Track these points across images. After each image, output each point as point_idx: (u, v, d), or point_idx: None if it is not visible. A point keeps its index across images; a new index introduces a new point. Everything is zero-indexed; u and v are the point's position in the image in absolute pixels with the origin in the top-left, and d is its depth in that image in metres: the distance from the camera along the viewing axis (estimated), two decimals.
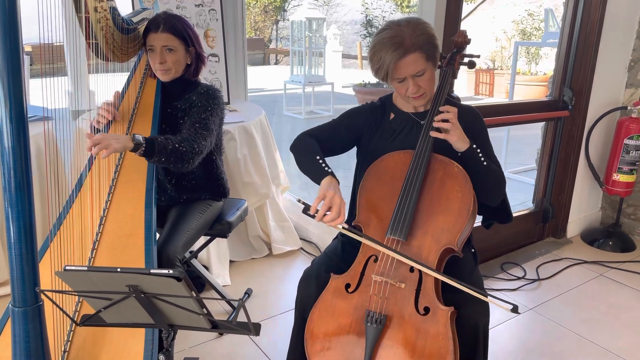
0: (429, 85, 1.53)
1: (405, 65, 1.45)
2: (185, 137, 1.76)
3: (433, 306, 1.37)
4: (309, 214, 1.43)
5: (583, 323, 2.32)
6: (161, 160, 1.68)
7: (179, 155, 1.70)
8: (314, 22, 7.08)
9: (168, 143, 1.68)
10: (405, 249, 1.43)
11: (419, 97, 1.53)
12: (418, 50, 1.45)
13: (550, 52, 7.43)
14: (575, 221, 3.16)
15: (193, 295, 1.04)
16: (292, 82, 7.26)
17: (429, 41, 1.48)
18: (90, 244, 1.68)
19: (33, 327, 1.31)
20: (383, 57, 1.45)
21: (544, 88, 6.78)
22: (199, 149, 1.78)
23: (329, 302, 1.46)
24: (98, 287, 1.05)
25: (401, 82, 1.50)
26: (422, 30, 1.47)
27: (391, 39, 1.45)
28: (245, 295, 2.48)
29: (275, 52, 17.63)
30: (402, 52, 1.44)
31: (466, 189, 1.45)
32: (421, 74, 1.48)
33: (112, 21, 1.70)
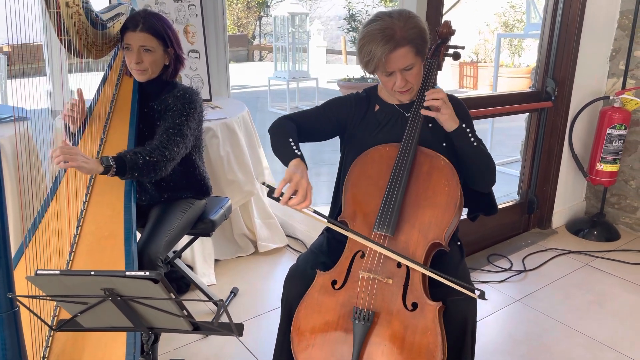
0: (417, 80, 1.50)
1: (395, 59, 1.42)
2: (156, 146, 1.71)
3: (421, 302, 1.35)
4: (273, 197, 1.38)
5: (570, 313, 2.33)
6: (134, 176, 1.65)
7: (150, 166, 1.67)
8: (297, 17, 7.02)
9: (138, 158, 1.63)
10: (392, 244, 1.41)
11: (405, 92, 1.51)
12: (408, 45, 1.42)
13: (532, 43, 7.47)
14: (560, 212, 3.17)
15: (172, 296, 1.01)
16: (277, 78, 7.20)
17: (420, 35, 1.45)
18: (68, 247, 1.63)
19: (9, 334, 1.26)
20: (373, 50, 1.41)
21: (528, 80, 6.81)
22: (171, 156, 1.74)
23: (315, 300, 1.43)
24: (73, 292, 1.01)
25: (389, 75, 1.47)
26: (414, 24, 1.44)
27: (381, 31, 1.41)
28: (231, 295, 2.45)
29: (259, 49, 17.52)
30: (393, 46, 1.41)
31: (453, 182, 1.43)
32: (410, 67, 1.46)
33: (85, 16, 1.65)
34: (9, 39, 1.23)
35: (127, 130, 1.82)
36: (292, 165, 1.44)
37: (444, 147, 1.55)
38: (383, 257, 1.40)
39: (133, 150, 1.66)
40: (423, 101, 1.49)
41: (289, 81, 6.96)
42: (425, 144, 1.51)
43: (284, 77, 7.02)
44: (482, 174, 1.54)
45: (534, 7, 4.21)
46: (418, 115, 1.50)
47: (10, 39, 1.23)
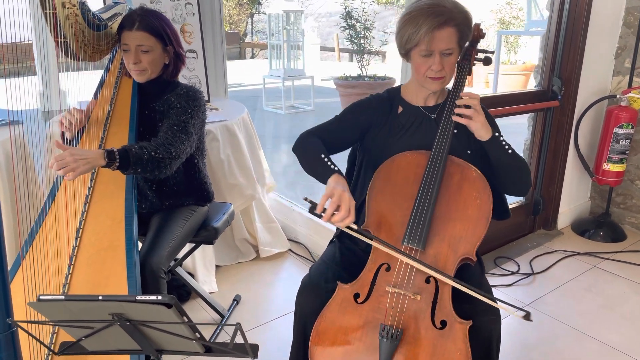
0: (451, 70, 1.45)
1: (439, 37, 1.37)
2: (162, 142, 1.64)
3: (450, 320, 1.28)
4: (315, 214, 1.32)
5: (581, 317, 2.28)
6: (137, 172, 1.56)
7: (155, 163, 1.59)
8: (291, 15, 6.93)
9: (143, 152, 1.55)
10: (421, 258, 1.34)
11: (438, 79, 1.44)
12: (455, 26, 1.39)
13: (529, 40, 7.44)
14: (565, 212, 3.12)
15: (185, 320, 0.94)
16: (271, 77, 7.11)
17: (466, 22, 1.41)
18: (67, 259, 1.55)
19: (7, 355, 1.18)
20: (420, 24, 1.36)
21: (525, 77, 6.79)
22: (177, 153, 1.66)
23: (336, 314, 1.36)
24: (78, 316, 0.94)
25: (427, 56, 1.41)
26: (463, 9, 1.41)
27: (431, 7, 1.38)
28: (234, 303, 2.37)
29: (251, 46, 17.38)
30: (441, 21, 1.36)
31: (485, 195, 1.37)
32: (449, 53, 1.40)
33: (82, 17, 1.57)
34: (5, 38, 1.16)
35: (126, 134, 1.74)
36: (332, 180, 1.38)
37: (469, 155, 1.49)
38: (411, 271, 1.33)
39: (139, 144, 1.58)
40: (454, 106, 1.43)
41: (284, 80, 6.87)
42: (451, 151, 1.44)
43: (279, 75, 6.93)
44: (519, 179, 1.48)
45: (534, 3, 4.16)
46: (449, 122, 1.43)
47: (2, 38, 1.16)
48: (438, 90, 1.51)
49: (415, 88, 1.55)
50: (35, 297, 1.47)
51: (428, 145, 1.47)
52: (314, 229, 2.85)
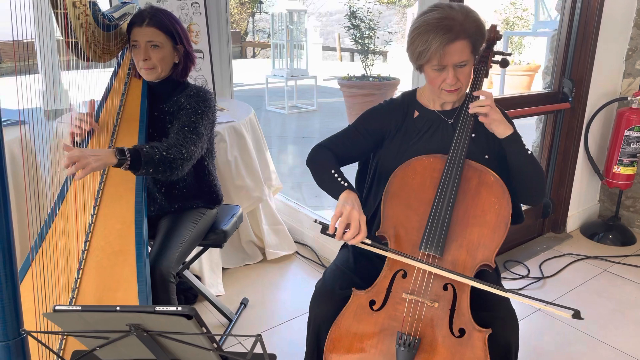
0: (466, 81, 1.41)
1: (451, 51, 1.33)
2: (173, 143, 1.61)
3: (469, 328, 1.26)
4: (328, 234, 1.34)
5: (593, 323, 2.25)
6: (148, 172, 1.53)
7: (167, 163, 1.55)
8: (295, 14, 6.90)
9: (155, 152, 1.52)
10: (439, 264, 1.31)
11: (453, 91, 1.41)
12: (467, 38, 1.34)
13: (533, 41, 7.41)
14: (575, 215, 3.10)
15: (204, 331, 0.91)
16: (275, 77, 7.07)
17: (479, 31, 1.37)
18: (76, 263, 1.53)
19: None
20: (430, 40, 1.32)
21: (529, 78, 6.75)
22: (188, 154, 1.63)
23: (351, 321, 1.33)
24: (93, 327, 0.91)
25: (440, 70, 1.38)
26: (474, 18, 1.36)
27: (440, 20, 1.33)
28: (241, 306, 2.35)
29: (252, 45, 17.34)
30: (452, 37, 1.32)
31: (504, 200, 1.34)
32: (463, 64, 1.37)
33: (93, 17, 1.54)
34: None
35: (136, 137, 1.71)
36: (341, 198, 1.36)
37: (487, 160, 1.46)
38: (428, 278, 1.31)
39: (150, 144, 1.55)
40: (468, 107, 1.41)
41: (287, 79, 6.84)
42: (468, 156, 1.41)
43: (282, 75, 6.90)
44: (535, 185, 1.44)
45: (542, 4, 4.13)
46: (467, 125, 1.40)
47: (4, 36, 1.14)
48: (455, 100, 1.49)
49: (431, 93, 1.52)
50: (45, 301, 1.44)
51: (445, 150, 1.44)
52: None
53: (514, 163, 1.42)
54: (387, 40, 6.78)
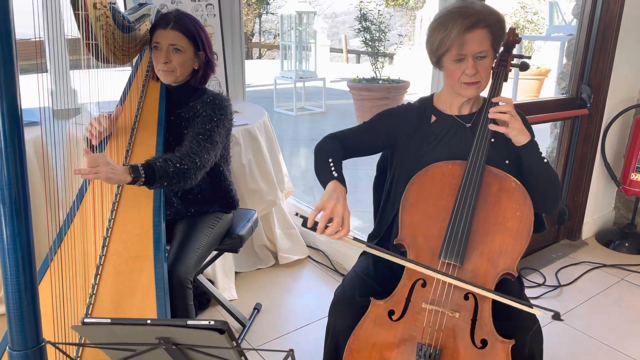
0: (486, 75, 1.39)
1: (471, 40, 1.32)
2: (186, 152, 1.60)
3: (491, 339, 1.23)
4: (307, 228, 1.27)
5: (611, 332, 2.22)
6: (163, 185, 1.52)
7: (181, 175, 1.54)
8: (304, 16, 6.88)
9: (168, 165, 1.51)
10: (459, 274, 1.29)
11: (472, 84, 1.38)
12: (487, 28, 1.34)
13: (543, 45, 7.36)
14: (590, 222, 3.06)
15: (235, 346, 0.88)
16: (283, 78, 7.05)
17: (499, 23, 1.36)
18: (94, 268, 1.50)
19: None
20: (450, 27, 1.32)
21: (539, 82, 6.71)
22: (202, 163, 1.62)
23: (370, 332, 1.31)
24: (120, 339, 0.88)
25: (459, 61, 1.36)
26: (494, 11, 1.37)
27: (460, 9, 1.34)
28: (255, 312, 2.32)
29: (258, 46, 17.33)
30: (472, 22, 1.31)
31: (525, 207, 1.31)
32: (483, 55, 1.35)
33: (112, 19, 1.52)
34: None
35: (154, 140, 1.69)
36: (327, 189, 1.33)
37: (507, 165, 1.43)
38: (449, 287, 1.28)
39: (163, 157, 1.53)
40: (488, 112, 1.38)
41: (295, 81, 6.82)
42: (489, 162, 1.38)
43: (290, 77, 6.88)
44: (550, 194, 1.42)
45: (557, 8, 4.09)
46: (486, 130, 1.37)
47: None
48: (474, 96, 1.46)
49: (448, 96, 1.50)
50: (62, 308, 1.42)
51: (463, 155, 1.41)
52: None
53: (529, 170, 1.40)
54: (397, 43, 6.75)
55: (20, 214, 1.08)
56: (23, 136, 1.08)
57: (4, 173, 1.05)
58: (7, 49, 1.01)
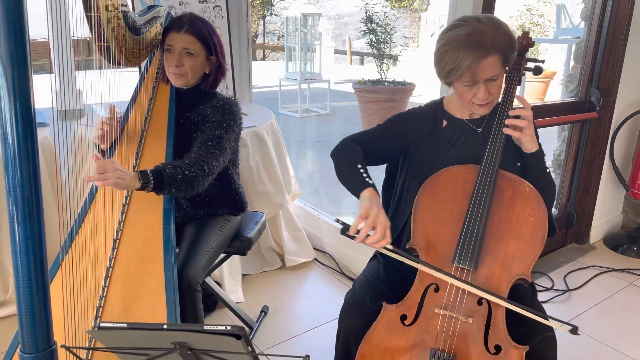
0: (498, 92, 1.37)
1: (482, 68, 1.29)
2: (195, 159, 1.59)
3: (505, 344, 1.22)
4: (348, 235, 1.25)
5: (621, 338, 2.20)
6: (171, 192, 1.53)
7: (189, 182, 1.54)
8: (309, 18, 6.88)
9: (177, 172, 1.51)
10: (473, 279, 1.28)
11: (485, 105, 1.37)
12: (498, 53, 1.29)
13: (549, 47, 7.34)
14: (598, 226, 3.04)
15: (250, 351, 0.87)
16: (288, 80, 7.05)
17: (510, 44, 1.32)
18: (104, 270, 1.50)
19: None
20: (461, 58, 1.27)
21: (544, 84, 6.70)
22: (210, 170, 1.62)
23: (382, 337, 1.30)
24: (135, 344, 0.88)
25: (471, 86, 1.34)
26: (505, 31, 1.31)
27: (470, 36, 1.28)
28: (262, 314, 2.31)
29: (262, 48, 17.35)
30: (484, 53, 1.27)
31: (540, 212, 1.30)
32: (494, 78, 1.33)
33: (124, 20, 1.52)
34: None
35: (164, 144, 1.68)
36: (365, 198, 1.30)
37: (519, 167, 1.43)
38: (462, 292, 1.27)
39: (172, 163, 1.53)
40: (505, 118, 1.37)
41: (300, 83, 6.82)
42: (501, 164, 1.37)
43: (295, 78, 6.88)
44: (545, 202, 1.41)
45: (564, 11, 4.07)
46: (499, 133, 1.36)
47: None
48: (486, 113, 1.45)
49: (459, 103, 1.49)
50: (73, 310, 1.42)
51: (475, 159, 1.41)
52: (340, 238, 2.78)
53: (531, 177, 1.39)
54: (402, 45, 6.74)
55: (33, 216, 1.08)
56: (36, 138, 1.08)
57: (17, 175, 1.05)
58: (21, 50, 1.01)
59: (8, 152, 1.03)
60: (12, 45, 0.99)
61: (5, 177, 1.05)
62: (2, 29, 0.98)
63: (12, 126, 1.03)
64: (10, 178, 1.05)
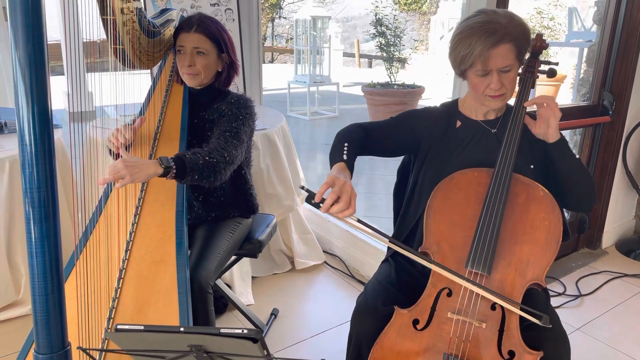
0: (511, 86, 1.37)
1: (495, 55, 1.30)
2: (214, 147, 1.59)
3: (519, 350, 1.21)
4: (313, 204, 1.23)
5: (634, 344, 2.18)
6: (194, 179, 1.51)
7: (210, 168, 1.53)
8: (318, 21, 6.89)
9: (198, 158, 1.50)
10: (486, 283, 1.27)
11: (498, 97, 1.37)
12: (512, 42, 1.31)
13: (560, 51, 7.31)
14: (610, 231, 3.02)
15: (266, 354, 0.87)
16: (297, 82, 7.07)
17: (524, 35, 1.33)
18: (117, 272, 1.51)
19: None
20: (474, 44, 1.29)
21: (555, 87, 6.66)
22: (230, 158, 1.61)
23: (394, 341, 1.29)
24: (152, 346, 0.88)
25: (484, 75, 1.34)
26: (519, 22, 1.33)
27: (484, 24, 1.30)
28: (272, 317, 2.31)
29: (271, 50, 17.40)
30: (496, 40, 1.29)
31: (554, 216, 1.29)
32: (508, 69, 1.33)
33: (138, 24, 1.53)
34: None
35: (177, 144, 1.69)
36: (335, 168, 1.30)
37: (532, 170, 1.42)
38: (476, 297, 1.26)
39: (192, 150, 1.53)
40: (518, 121, 1.36)
41: (309, 85, 6.83)
42: (514, 168, 1.36)
43: (304, 81, 6.89)
44: (585, 191, 1.40)
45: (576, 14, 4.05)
46: (513, 136, 1.36)
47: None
48: (499, 107, 1.45)
49: (474, 103, 1.49)
50: (86, 311, 1.42)
51: (489, 161, 1.40)
52: (350, 241, 2.78)
53: (564, 169, 1.38)
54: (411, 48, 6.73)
55: (49, 217, 1.08)
56: (53, 140, 1.08)
57: (34, 177, 1.06)
58: (38, 52, 1.02)
59: (25, 154, 1.04)
60: (30, 48, 1.00)
61: (22, 178, 1.06)
62: (20, 32, 0.99)
63: (30, 128, 1.04)
64: (28, 179, 1.05)
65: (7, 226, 2.18)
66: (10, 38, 0.99)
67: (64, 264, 1.54)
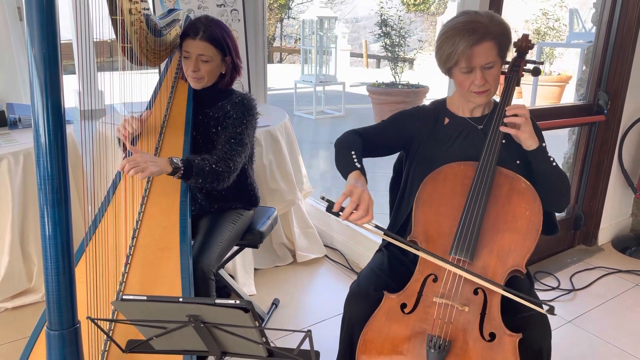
0: (495, 82, 1.45)
1: (478, 53, 1.39)
2: (221, 156, 1.72)
3: (499, 332, 1.28)
4: (333, 212, 1.31)
5: (625, 337, 2.24)
6: (198, 182, 1.64)
7: (215, 175, 1.67)
8: (325, 21, 6.97)
9: (205, 164, 1.63)
10: (469, 269, 1.34)
11: (482, 93, 1.45)
12: (493, 40, 1.39)
13: (564, 51, 7.34)
14: (606, 228, 3.07)
15: (257, 325, 0.96)
16: (303, 82, 7.16)
17: (504, 33, 1.42)
18: (124, 258, 1.60)
19: (70, 351, 1.23)
20: (457, 42, 1.38)
21: (559, 88, 6.70)
22: (235, 167, 1.74)
23: (382, 324, 1.37)
24: (154, 316, 0.97)
25: (468, 72, 1.43)
26: (499, 21, 1.42)
27: (466, 24, 1.39)
28: (273, 307, 2.40)
29: (279, 50, 17.50)
30: (478, 38, 1.38)
31: (535, 207, 1.36)
32: (490, 66, 1.41)
33: (146, 23, 1.62)
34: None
35: (182, 138, 1.78)
36: (351, 177, 1.39)
37: (518, 165, 1.49)
38: (458, 282, 1.34)
39: (201, 156, 1.67)
40: (502, 117, 1.43)
41: (315, 85, 6.91)
42: (500, 162, 1.44)
43: (311, 81, 6.98)
44: (559, 194, 1.47)
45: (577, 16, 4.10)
46: (497, 132, 1.43)
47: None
48: (484, 103, 1.52)
49: (460, 100, 1.56)
50: (95, 293, 1.51)
51: (475, 156, 1.48)
52: (351, 235, 2.86)
53: (539, 173, 1.46)
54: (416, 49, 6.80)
55: (61, 203, 1.18)
56: (65, 132, 1.18)
57: (47, 166, 1.15)
58: (52, 50, 1.11)
59: (40, 144, 1.14)
60: (45, 46, 1.09)
61: (36, 167, 1.16)
62: (35, 31, 1.08)
63: (44, 121, 1.13)
64: (42, 168, 1.15)
65: (20, 216, 2.28)
66: (27, 36, 1.08)
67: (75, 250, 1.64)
